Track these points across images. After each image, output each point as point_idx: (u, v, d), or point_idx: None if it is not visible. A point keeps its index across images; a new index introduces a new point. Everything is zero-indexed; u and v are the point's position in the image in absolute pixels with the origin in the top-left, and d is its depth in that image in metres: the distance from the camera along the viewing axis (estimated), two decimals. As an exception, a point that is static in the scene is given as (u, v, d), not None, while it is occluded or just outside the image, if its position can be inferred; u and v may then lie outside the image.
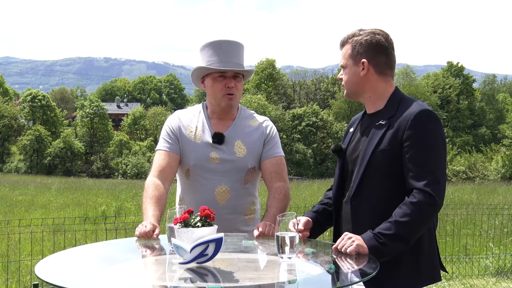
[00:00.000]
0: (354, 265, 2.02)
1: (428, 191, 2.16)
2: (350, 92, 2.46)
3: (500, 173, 37.07)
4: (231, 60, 2.71)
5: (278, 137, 2.87)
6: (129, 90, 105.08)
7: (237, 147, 2.75)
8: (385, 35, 2.39)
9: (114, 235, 6.01)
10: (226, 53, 2.71)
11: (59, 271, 1.97)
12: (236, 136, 2.77)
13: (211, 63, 2.71)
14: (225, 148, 2.73)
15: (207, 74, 2.76)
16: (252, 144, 2.78)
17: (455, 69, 59.85)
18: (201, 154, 2.72)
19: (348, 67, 2.41)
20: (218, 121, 2.80)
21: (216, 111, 2.80)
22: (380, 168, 2.28)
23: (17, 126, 54.48)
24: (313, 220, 2.51)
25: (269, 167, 2.78)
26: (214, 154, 2.72)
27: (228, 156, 2.72)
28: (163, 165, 2.74)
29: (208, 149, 2.73)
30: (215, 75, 2.72)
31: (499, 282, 6.41)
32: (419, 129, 2.23)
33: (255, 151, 2.78)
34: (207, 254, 1.96)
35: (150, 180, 2.71)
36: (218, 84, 2.72)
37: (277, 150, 2.82)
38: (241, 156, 2.73)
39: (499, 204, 11.15)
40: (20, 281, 5.99)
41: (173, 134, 2.79)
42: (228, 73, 2.71)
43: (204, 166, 2.71)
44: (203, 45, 2.78)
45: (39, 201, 17.63)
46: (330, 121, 50.29)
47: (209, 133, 2.76)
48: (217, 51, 2.71)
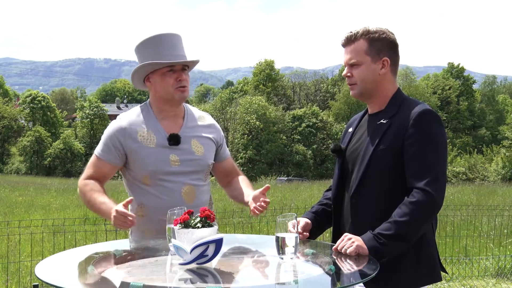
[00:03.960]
0: (354, 266, 2.02)
1: (428, 190, 2.15)
2: (363, 91, 2.36)
3: (500, 174, 37.04)
4: (177, 52, 2.64)
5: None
6: (129, 91, 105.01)
7: (194, 146, 2.70)
8: (394, 34, 2.39)
9: (114, 236, 6.00)
10: (169, 46, 2.63)
11: (59, 272, 1.98)
12: (190, 136, 2.71)
13: (156, 59, 2.60)
14: (182, 149, 2.66)
15: (152, 71, 2.65)
16: (207, 141, 2.76)
17: (456, 70, 59.87)
18: (159, 158, 2.62)
19: (364, 64, 2.32)
20: (168, 121, 2.70)
21: (165, 109, 2.70)
22: (381, 167, 2.27)
23: (17, 127, 54.48)
24: (312, 221, 2.51)
25: (229, 166, 2.91)
26: (173, 157, 2.64)
27: (188, 156, 2.66)
28: (96, 172, 2.66)
29: (165, 152, 2.63)
30: (164, 70, 2.62)
31: (499, 283, 6.41)
32: (420, 129, 2.22)
33: (211, 149, 2.77)
34: (207, 255, 1.96)
35: (84, 182, 2.64)
36: (168, 79, 2.62)
37: (227, 150, 2.95)
38: (200, 155, 2.70)
39: (499, 205, 11.14)
40: (20, 282, 5.99)
41: (114, 143, 2.64)
42: (177, 66, 2.63)
43: (165, 169, 2.62)
44: (141, 42, 2.66)
45: (39, 202, 17.63)
46: (330, 122, 50.27)
47: (162, 136, 2.65)
48: (159, 46, 2.62)
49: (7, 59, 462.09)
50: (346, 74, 2.39)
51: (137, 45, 2.70)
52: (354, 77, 2.36)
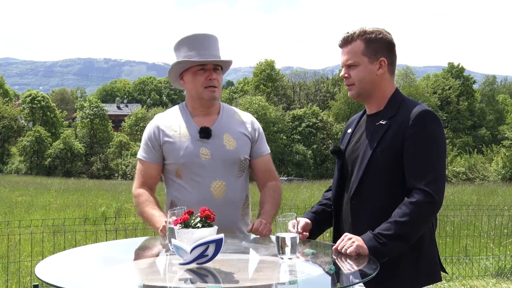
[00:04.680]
0: (354, 266, 2.02)
1: (427, 191, 2.16)
2: (361, 92, 2.36)
3: (500, 174, 37.05)
4: (210, 52, 2.67)
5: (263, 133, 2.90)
6: (129, 91, 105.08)
7: (226, 140, 2.70)
8: (390, 34, 2.39)
9: (114, 236, 6.01)
10: (203, 46, 2.66)
11: (59, 272, 1.97)
12: (223, 130, 2.72)
13: (190, 57, 2.66)
14: (213, 142, 2.68)
15: (185, 70, 2.70)
16: (240, 136, 2.75)
17: (456, 70, 59.88)
18: (190, 151, 2.66)
19: (361, 65, 2.32)
20: (202, 118, 2.74)
21: (198, 108, 2.74)
22: (381, 168, 2.27)
23: (17, 127, 54.47)
24: (312, 221, 2.51)
25: (260, 165, 2.82)
26: (203, 150, 2.66)
27: (218, 150, 2.67)
28: (145, 176, 2.74)
29: (196, 145, 2.66)
30: (195, 69, 2.66)
31: (499, 283, 6.41)
32: (420, 129, 2.23)
33: (245, 143, 2.75)
34: (207, 255, 1.96)
35: (138, 192, 2.72)
36: (199, 78, 2.66)
37: (265, 147, 2.86)
38: (231, 149, 2.69)
39: (499, 205, 11.14)
40: (20, 282, 5.99)
41: (151, 142, 2.72)
42: (208, 65, 2.66)
43: (195, 163, 2.65)
44: (178, 41, 2.72)
45: (39, 202, 17.63)
46: (330, 122, 50.30)
47: (194, 130, 2.70)
48: (194, 45, 2.66)
49: (7, 59, 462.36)
50: (344, 75, 2.38)
51: (175, 44, 2.75)
52: (351, 78, 2.36)
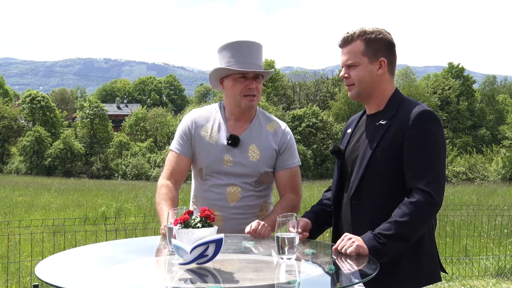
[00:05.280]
0: (354, 266, 2.02)
1: (427, 191, 2.16)
2: (361, 92, 2.37)
3: (500, 174, 37.02)
4: (252, 61, 2.70)
5: (295, 145, 2.85)
6: (129, 91, 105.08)
7: (251, 151, 2.73)
8: (390, 34, 2.39)
9: (114, 236, 6.01)
10: (246, 54, 2.70)
11: (59, 272, 1.97)
12: (251, 140, 2.75)
13: (232, 64, 2.69)
14: (239, 151, 2.72)
15: (226, 75, 2.74)
16: (266, 148, 2.76)
17: (456, 70, 59.86)
18: (215, 155, 2.72)
19: (361, 65, 2.33)
20: (235, 122, 2.78)
21: (234, 113, 2.78)
22: (380, 168, 2.28)
23: (17, 127, 54.46)
24: (312, 221, 2.51)
25: (284, 178, 2.79)
26: (227, 157, 2.71)
27: (241, 159, 2.71)
28: (175, 167, 2.79)
29: (222, 151, 2.72)
30: (236, 76, 2.70)
31: (499, 283, 6.41)
32: (420, 130, 2.23)
33: (269, 156, 2.76)
34: (207, 255, 1.96)
35: (162, 182, 2.76)
36: (238, 85, 2.70)
37: (294, 160, 2.82)
38: (254, 161, 2.72)
39: (499, 205, 11.14)
40: (20, 282, 5.99)
41: (186, 135, 2.79)
42: (249, 74, 2.69)
43: (217, 167, 2.72)
44: (222, 46, 2.75)
45: (39, 202, 17.63)
46: (330, 122, 50.27)
47: (224, 135, 2.74)
48: (237, 52, 2.69)
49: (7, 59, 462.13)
50: (344, 75, 2.39)
51: (219, 48, 2.78)
52: (351, 78, 2.36)
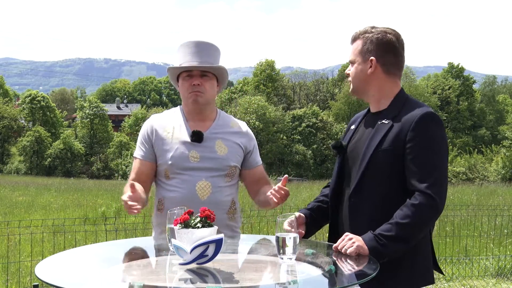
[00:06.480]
0: (354, 266, 2.02)
1: (429, 193, 2.15)
2: (355, 89, 2.45)
3: (500, 174, 37.04)
4: (199, 59, 2.71)
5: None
6: (129, 91, 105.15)
7: (218, 146, 2.73)
8: (396, 35, 2.39)
9: (114, 236, 6.00)
10: (196, 53, 2.71)
11: (59, 272, 1.97)
12: (217, 136, 2.76)
13: (182, 63, 2.73)
14: (205, 146, 2.71)
15: (179, 75, 2.77)
16: (233, 144, 2.78)
17: (456, 70, 59.88)
18: (180, 153, 2.69)
19: (356, 63, 2.40)
20: (197, 122, 2.77)
21: (191, 112, 2.79)
22: (381, 167, 2.28)
23: (17, 127, 54.47)
24: (307, 217, 2.51)
25: (257, 174, 2.88)
26: (193, 153, 2.70)
27: (208, 154, 2.71)
28: (139, 173, 2.77)
29: (187, 148, 2.70)
30: (184, 75, 2.73)
31: (499, 283, 6.41)
32: (422, 131, 2.23)
33: (236, 152, 2.78)
34: (207, 255, 1.96)
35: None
36: (185, 83, 2.72)
37: (259, 158, 2.93)
38: (222, 155, 2.73)
39: (499, 205, 11.14)
40: (20, 282, 5.99)
41: (145, 140, 2.78)
42: (194, 72, 2.71)
43: (183, 164, 2.68)
44: (179, 46, 2.80)
45: (39, 202, 17.62)
46: (330, 122, 50.27)
47: (186, 133, 2.74)
48: (188, 52, 2.72)
49: (7, 59, 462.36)
50: (346, 72, 2.48)
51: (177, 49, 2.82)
52: (350, 75, 2.45)
